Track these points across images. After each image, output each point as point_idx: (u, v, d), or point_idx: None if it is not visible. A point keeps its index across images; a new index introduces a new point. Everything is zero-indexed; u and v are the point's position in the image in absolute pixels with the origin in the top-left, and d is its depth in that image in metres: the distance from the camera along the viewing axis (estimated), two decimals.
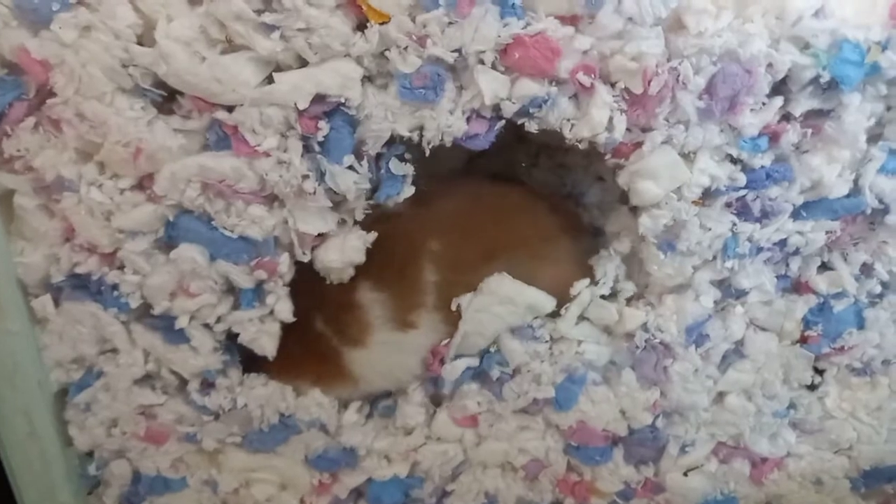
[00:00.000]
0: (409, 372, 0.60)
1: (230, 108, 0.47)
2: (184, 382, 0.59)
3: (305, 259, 0.52)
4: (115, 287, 0.54)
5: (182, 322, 0.55)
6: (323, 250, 0.53)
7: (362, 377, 0.59)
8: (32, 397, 0.58)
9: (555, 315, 0.58)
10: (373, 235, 0.53)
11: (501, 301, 0.56)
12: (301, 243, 0.51)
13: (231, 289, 0.55)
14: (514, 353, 0.57)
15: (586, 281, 0.57)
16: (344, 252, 0.52)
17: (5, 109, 0.47)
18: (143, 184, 0.50)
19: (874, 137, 0.53)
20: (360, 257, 0.53)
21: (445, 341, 0.58)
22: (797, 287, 0.58)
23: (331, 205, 0.50)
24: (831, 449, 0.64)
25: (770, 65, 0.48)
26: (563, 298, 0.57)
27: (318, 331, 0.57)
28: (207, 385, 0.58)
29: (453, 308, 0.56)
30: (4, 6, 0.44)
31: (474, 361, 0.59)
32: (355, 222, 0.53)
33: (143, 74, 0.46)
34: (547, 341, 0.58)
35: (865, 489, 0.67)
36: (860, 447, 0.64)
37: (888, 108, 0.52)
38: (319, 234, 0.52)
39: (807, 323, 0.59)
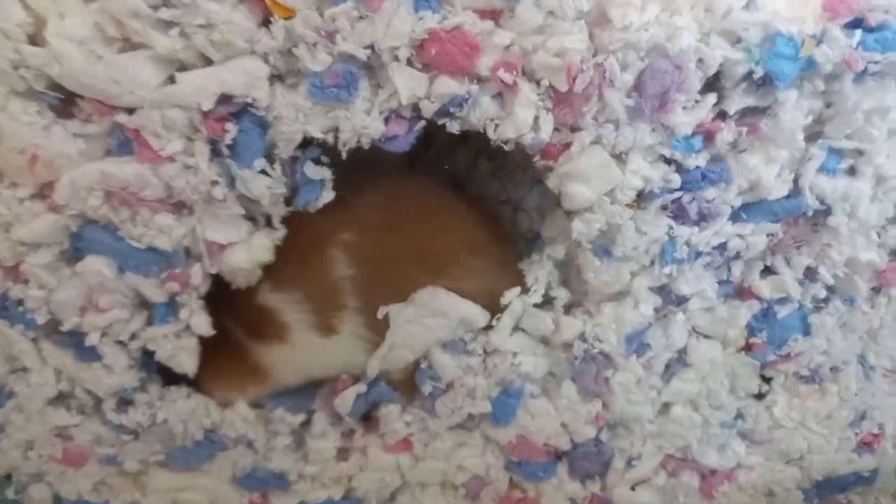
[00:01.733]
0: (327, 371, 0.57)
1: (131, 111, 0.44)
2: (100, 402, 0.55)
3: (213, 271, 0.50)
4: (20, 302, 0.51)
5: (93, 339, 0.51)
6: (229, 252, 0.50)
7: (275, 373, 0.57)
8: None
9: (488, 327, 0.55)
10: (281, 233, 0.50)
11: (434, 313, 0.54)
12: (210, 253, 0.49)
13: (144, 303, 0.52)
14: (446, 368, 0.55)
15: (517, 290, 0.55)
16: (251, 252, 0.50)
17: None
18: (44, 192, 0.47)
19: (813, 136, 0.51)
20: (269, 256, 0.50)
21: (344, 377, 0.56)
22: (740, 293, 0.56)
23: (243, 212, 0.48)
24: (782, 459, 0.62)
25: (700, 60, 0.46)
26: (490, 308, 0.55)
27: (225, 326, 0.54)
28: (125, 403, 0.55)
29: (380, 316, 0.53)
30: None
31: (362, 388, 0.56)
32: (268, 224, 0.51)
33: (37, 76, 0.43)
34: (480, 355, 0.55)
35: (818, 500, 0.65)
36: (811, 457, 0.62)
37: (827, 105, 0.50)
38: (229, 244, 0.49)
39: (751, 330, 0.57)
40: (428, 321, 0.54)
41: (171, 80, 0.44)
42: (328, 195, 0.49)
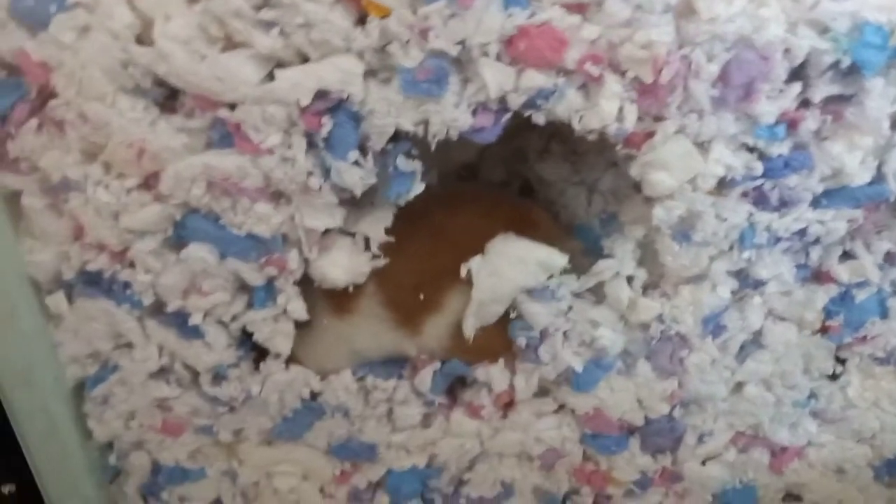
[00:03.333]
0: (347, 359, 0.59)
1: (232, 106, 0.46)
2: (197, 376, 0.59)
3: (312, 256, 0.52)
4: (127, 285, 0.54)
5: (196, 319, 0.55)
6: (329, 262, 0.53)
7: (305, 362, 0.59)
8: (50, 393, 0.59)
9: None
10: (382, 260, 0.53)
11: (511, 261, 0.55)
12: (308, 240, 0.51)
13: (244, 287, 0.55)
14: (538, 316, 0.56)
15: (612, 261, 0.56)
16: (351, 271, 0.53)
17: (8, 111, 0.47)
18: (149, 183, 0.50)
19: None
20: (364, 278, 0.54)
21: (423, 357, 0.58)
22: (818, 276, 0.57)
23: (337, 201, 0.50)
24: (853, 438, 0.63)
25: (787, 50, 0.46)
26: None
27: None
28: (219, 377, 0.59)
29: (463, 274, 0.54)
30: (2, 8, 0.44)
31: (436, 365, 0.59)
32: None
33: (144, 74, 0.45)
34: (568, 301, 0.56)
35: (889, 478, 0.65)
36: (883, 436, 0.63)
37: None
38: (326, 231, 0.51)
39: (828, 313, 0.57)
40: (507, 270, 0.55)
41: (271, 76, 0.46)
42: (419, 187, 0.51)
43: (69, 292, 0.56)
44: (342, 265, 0.53)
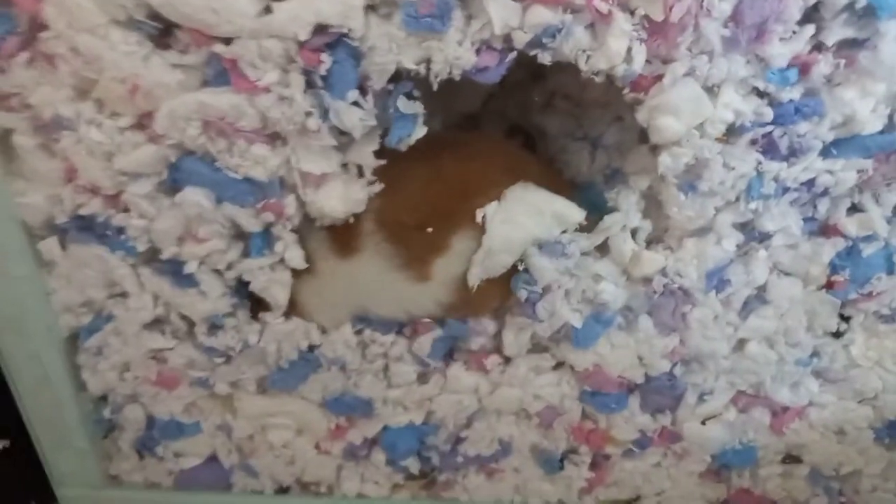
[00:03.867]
0: (359, 302, 0.57)
1: (228, 41, 0.45)
2: (193, 326, 0.58)
3: (307, 198, 0.51)
4: (121, 230, 0.53)
5: (191, 267, 0.54)
6: (323, 195, 0.51)
7: (311, 310, 0.58)
8: (42, 342, 0.58)
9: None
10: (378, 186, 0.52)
11: (527, 210, 0.54)
12: (304, 183, 0.50)
13: (241, 235, 0.54)
14: (544, 271, 0.54)
15: (617, 214, 0.55)
16: (347, 201, 0.51)
17: None
18: (143, 123, 0.49)
19: None
20: (362, 207, 0.52)
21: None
22: (824, 230, 0.56)
23: (335, 143, 0.48)
24: (855, 398, 0.62)
25: None
26: None
27: None
28: (215, 327, 0.58)
29: (478, 219, 0.53)
30: None
31: (438, 332, 0.58)
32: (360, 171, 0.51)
33: (137, 5, 0.44)
34: (576, 259, 0.55)
35: (890, 440, 0.65)
36: (885, 397, 0.62)
37: None
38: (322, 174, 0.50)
39: (833, 268, 0.56)
40: (522, 219, 0.53)
41: (268, 10, 0.44)
42: (421, 130, 0.49)
43: (62, 238, 0.55)
44: (338, 196, 0.51)
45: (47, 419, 0.62)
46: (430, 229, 0.53)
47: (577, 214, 0.54)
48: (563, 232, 0.55)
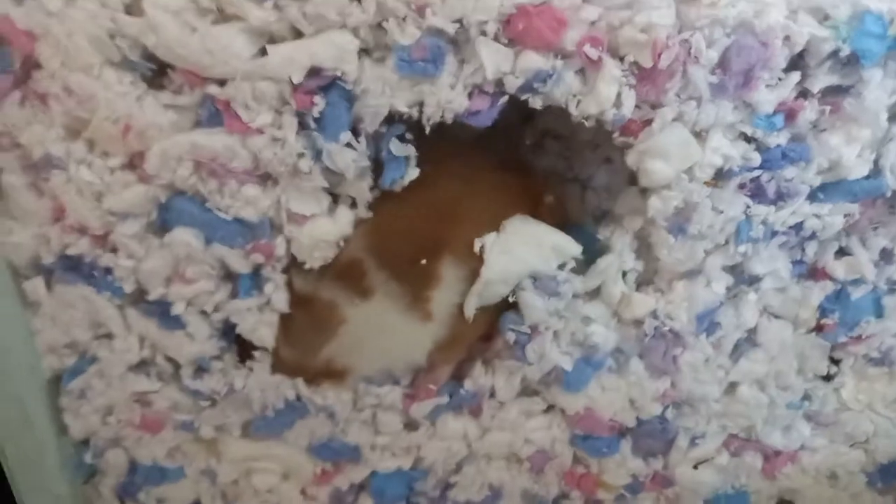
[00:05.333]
0: (391, 350, 0.56)
1: (222, 83, 0.45)
2: (178, 369, 0.57)
3: (292, 235, 0.50)
4: (108, 270, 0.52)
5: (178, 308, 0.53)
6: (314, 223, 0.50)
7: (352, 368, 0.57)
8: (25, 383, 0.56)
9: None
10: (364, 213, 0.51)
11: (526, 241, 0.53)
12: (290, 221, 0.50)
13: (229, 276, 0.54)
14: (534, 311, 0.54)
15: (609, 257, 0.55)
16: (337, 224, 0.50)
17: None
18: (134, 163, 0.48)
19: None
20: (350, 230, 0.51)
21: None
22: (813, 273, 0.56)
23: (326, 185, 0.48)
24: (847, 442, 0.62)
25: (787, 37, 0.46)
26: None
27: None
28: (201, 370, 0.57)
29: (476, 249, 0.52)
30: None
31: (444, 400, 0.58)
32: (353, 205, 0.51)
33: (132, 46, 0.44)
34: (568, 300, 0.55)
35: (882, 484, 0.64)
36: (877, 441, 0.62)
37: None
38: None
39: (823, 311, 0.57)
40: (521, 250, 0.53)
41: (263, 52, 0.45)
42: (413, 172, 0.50)
43: (48, 278, 0.54)
44: (321, 228, 0.51)
45: (27, 462, 0.60)
46: (423, 261, 0.52)
47: (574, 248, 0.54)
48: (561, 266, 0.55)
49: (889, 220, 0.54)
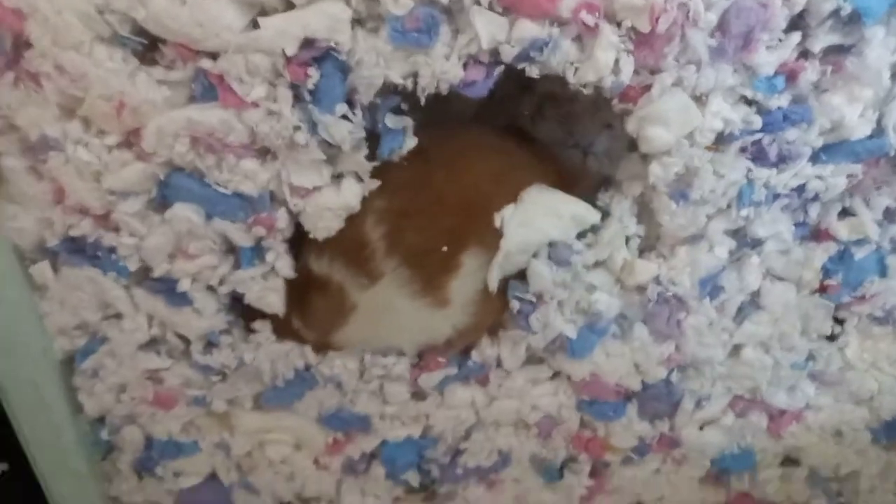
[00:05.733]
0: (393, 329, 0.57)
1: (215, 56, 0.45)
2: (188, 345, 0.58)
3: (298, 208, 0.50)
4: (112, 250, 0.53)
5: (184, 285, 0.53)
6: (318, 194, 0.50)
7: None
8: (38, 366, 0.57)
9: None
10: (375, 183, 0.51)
11: (545, 212, 0.53)
12: (294, 196, 0.50)
13: (231, 249, 0.54)
14: (540, 279, 0.54)
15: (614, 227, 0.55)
16: (341, 195, 0.50)
17: None
18: (131, 141, 0.48)
19: None
20: (357, 202, 0.51)
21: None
22: (816, 235, 0.56)
23: (324, 157, 0.48)
24: (851, 400, 0.63)
25: None
26: None
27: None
28: (211, 345, 0.57)
29: (497, 224, 0.52)
30: None
31: (452, 370, 0.58)
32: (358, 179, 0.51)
33: (121, 21, 0.43)
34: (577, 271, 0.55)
35: (887, 440, 0.65)
36: (881, 398, 0.62)
37: None
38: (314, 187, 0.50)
39: (826, 272, 0.56)
40: (540, 221, 0.53)
41: (255, 25, 0.44)
42: (411, 142, 0.49)
43: (53, 261, 0.54)
44: (328, 201, 0.50)
45: (45, 442, 0.62)
46: (444, 248, 0.52)
47: (593, 216, 0.54)
48: (581, 234, 0.55)
49: (892, 180, 0.53)
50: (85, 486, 0.65)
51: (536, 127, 0.67)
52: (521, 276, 0.56)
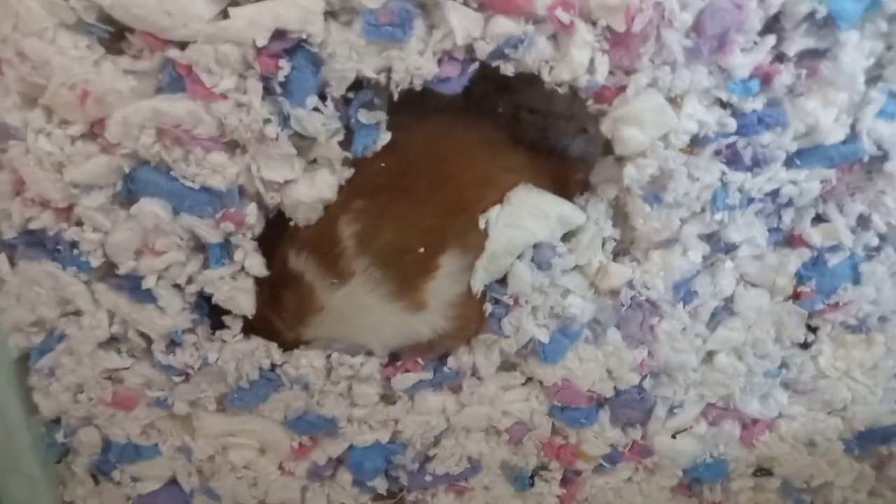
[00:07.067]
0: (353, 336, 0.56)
1: (183, 46, 0.44)
2: (150, 344, 0.56)
3: (274, 201, 0.49)
4: (74, 245, 0.51)
5: (150, 282, 0.52)
6: (292, 187, 0.49)
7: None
8: None
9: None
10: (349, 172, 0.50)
11: (532, 213, 0.52)
12: (267, 189, 0.49)
13: (200, 246, 0.52)
14: (519, 282, 0.53)
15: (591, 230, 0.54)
16: (314, 187, 0.49)
17: None
18: (95, 132, 0.47)
19: (873, 79, 0.49)
20: (332, 193, 0.50)
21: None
22: (790, 240, 0.55)
23: (295, 151, 0.47)
24: (824, 410, 0.62)
25: None
26: None
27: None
28: (174, 345, 0.56)
29: (482, 225, 0.52)
30: None
31: (427, 376, 0.57)
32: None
33: (87, 8, 0.42)
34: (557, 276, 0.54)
35: (859, 451, 0.65)
36: (854, 408, 0.62)
37: (888, 48, 0.49)
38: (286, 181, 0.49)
39: (800, 278, 0.56)
40: (526, 222, 0.52)
41: (225, 14, 0.43)
42: (385, 137, 0.49)
43: (10, 254, 0.52)
44: (305, 189, 0.50)
45: None
46: (421, 249, 0.51)
47: (579, 217, 0.54)
48: (566, 237, 0.54)
49: (866, 186, 0.53)
50: (38, 490, 0.62)
51: (512, 130, 0.67)
52: (498, 279, 0.55)
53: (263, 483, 0.64)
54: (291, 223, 0.52)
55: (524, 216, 0.52)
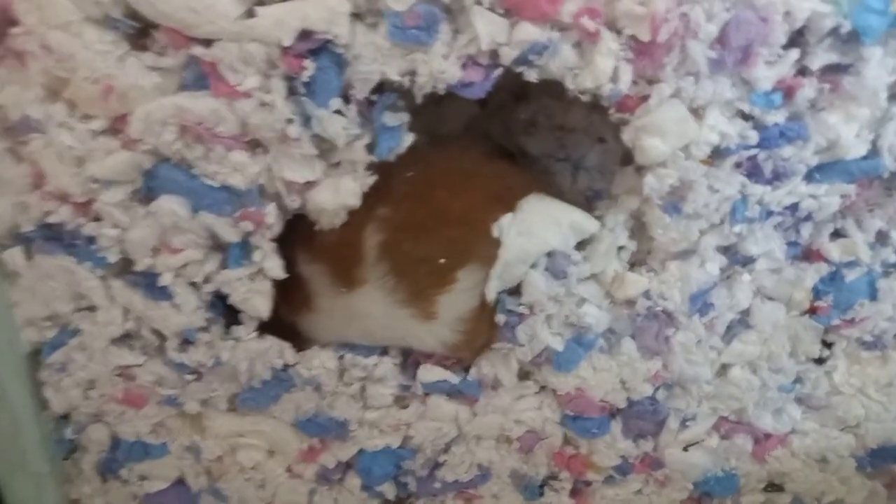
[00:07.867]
0: (364, 331, 0.56)
1: (208, 44, 0.44)
2: (164, 342, 0.56)
3: (295, 204, 0.49)
4: (91, 240, 0.51)
5: (166, 280, 0.52)
6: (315, 192, 0.49)
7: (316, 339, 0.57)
8: (2, 358, 0.55)
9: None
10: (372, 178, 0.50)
11: (544, 221, 0.53)
12: (288, 191, 0.49)
13: (218, 246, 0.52)
14: (534, 291, 0.53)
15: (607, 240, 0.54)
16: (338, 193, 0.49)
17: None
18: (117, 128, 0.47)
19: (895, 95, 0.49)
20: (356, 200, 0.50)
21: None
22: (808, 255, 0.55)
23: (316, 152, 0.47)
24: (838, 426, 0.62)
25: (787, 13, 0.45)
26: None
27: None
28: (187, 343, 0.56)
29: (495, 233, 0.52)
30: None
31: (454, 378, 0.57)
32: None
33: (113, 3, 0.42)
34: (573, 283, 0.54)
35: (872, 468, 0.64)
36: (868, 425, 0.61)
37: None
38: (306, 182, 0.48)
39: (816, 293, 0.56)
40: (539, 230, 0.52)
41: (250, 14, 0.43)
42: (409, 139, 0.48)
43: (27, 247, 0.52)
44: (329, 193, 0.50)
45: (4, 440, 0.59)
46: (442, 260, 0.52)
47: (592, 225, 0.53)
48: (580, 245, 0.54)
49: (885, 202, 0.53)
50: (44, 487, 0.62)
51: (529, 140, 0.67)
52: (512, 290, 0.55)
53: (271, 485, 0.63)
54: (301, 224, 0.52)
55: (536, 224, 0.53)
